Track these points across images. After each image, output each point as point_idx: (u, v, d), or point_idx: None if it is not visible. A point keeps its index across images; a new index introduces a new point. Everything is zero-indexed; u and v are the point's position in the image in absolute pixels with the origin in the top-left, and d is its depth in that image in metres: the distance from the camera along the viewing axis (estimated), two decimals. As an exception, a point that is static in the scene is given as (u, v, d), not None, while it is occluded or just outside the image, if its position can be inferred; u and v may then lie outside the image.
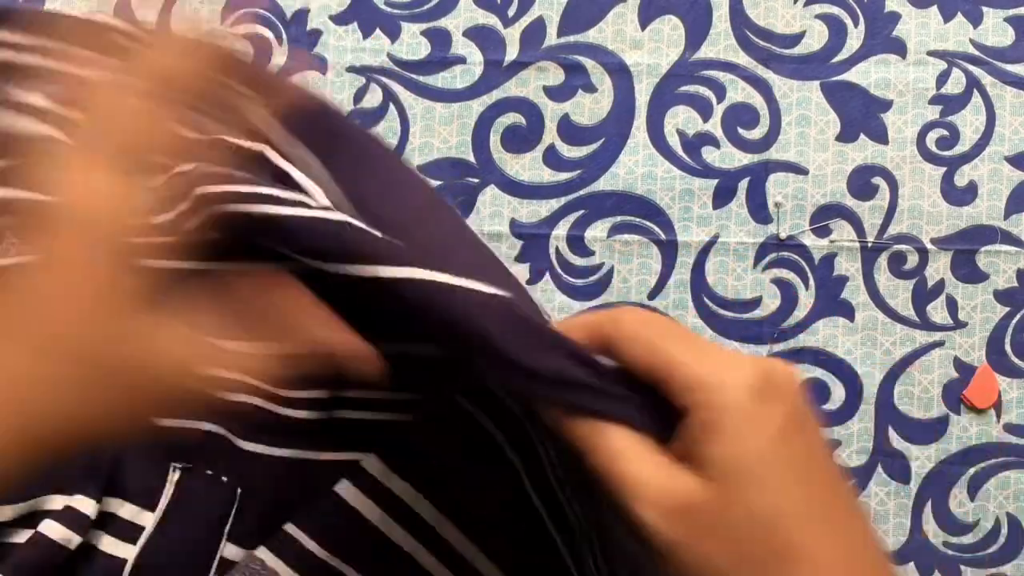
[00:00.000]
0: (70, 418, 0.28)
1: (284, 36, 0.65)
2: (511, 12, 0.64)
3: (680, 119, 0.64)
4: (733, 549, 0.26)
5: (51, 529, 0.49)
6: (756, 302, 0.63)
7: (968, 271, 0.63)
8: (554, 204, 0.63)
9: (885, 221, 0.63)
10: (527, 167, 0.64)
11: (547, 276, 0.63)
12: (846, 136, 0.64)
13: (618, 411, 0.29)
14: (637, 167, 0.63)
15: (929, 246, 0.63)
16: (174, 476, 0.50)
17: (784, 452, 0.27)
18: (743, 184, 0.63)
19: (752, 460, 0.27)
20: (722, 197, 0.63)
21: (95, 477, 0.50)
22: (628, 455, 0.28)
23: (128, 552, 0.50)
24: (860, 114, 0.63)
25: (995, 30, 0.63)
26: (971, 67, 0.63)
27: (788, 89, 0.64)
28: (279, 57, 0.65)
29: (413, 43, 0.65)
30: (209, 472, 0.49)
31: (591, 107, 0.64)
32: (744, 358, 0.28)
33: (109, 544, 0.50)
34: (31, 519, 0.52)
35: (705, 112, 0.64)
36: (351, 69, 0.65)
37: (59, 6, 0.64)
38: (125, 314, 0.28)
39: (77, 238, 0.27)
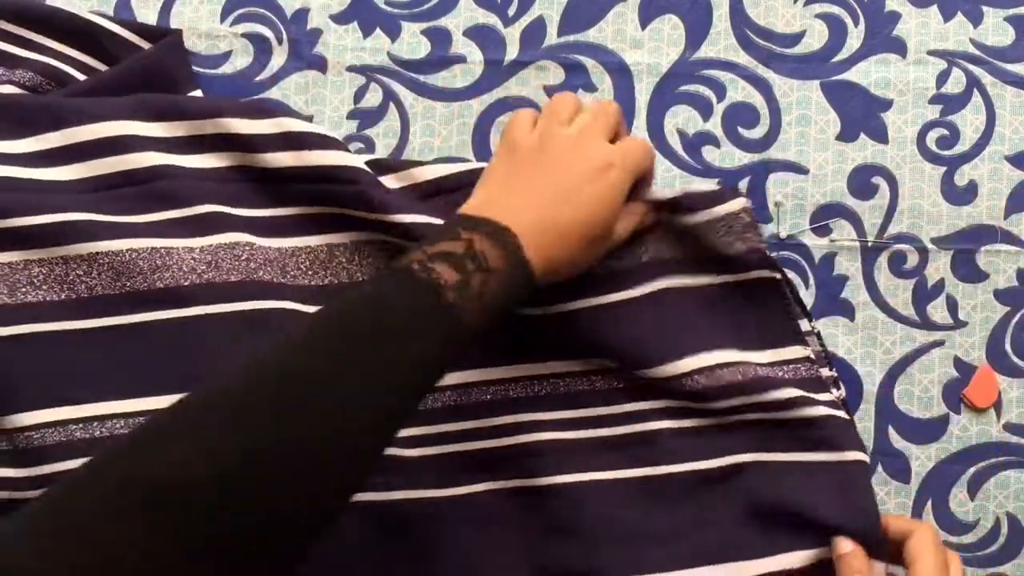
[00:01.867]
0: None
1: (284, 36, 0.65)
2: (511, 11, 0.64)
3: (680, 119, 0.64)
4: None
5: None
6: (756, 301, 0.63)
7: (968, 271, 0.63)
8: (554, 203, 0.63)
9: (885, 221, 0.63)
10: (527, 166, 0.64)
11: (547, 275, 0.63)
12: (846, 136, 0.64)
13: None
14: (637, 166, 0.63)
15: (929, 246, 0.63)
16: None
17: None
18: (743, 184, 0.63)
19: None
20: (722, 196, 0.63)
21: None
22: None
23: None
24: (860, 114, 0.63)
25: (995, 30, 0.63)
26: (971, 66, 0.63)
27: (788, 88, 0.64)
28: (279, 57, 0.65)
29: (413, 42, 0.65)
30: None
31: (591, 106, 0.64)
32: None
33: None
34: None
35: (705, 112, 0.64)
36: (351, 68, 0.65)
37: (61, 3, 0.64)
38: None
39: None
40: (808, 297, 0.63)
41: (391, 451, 0.57)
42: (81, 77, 0.63)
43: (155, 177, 0.60)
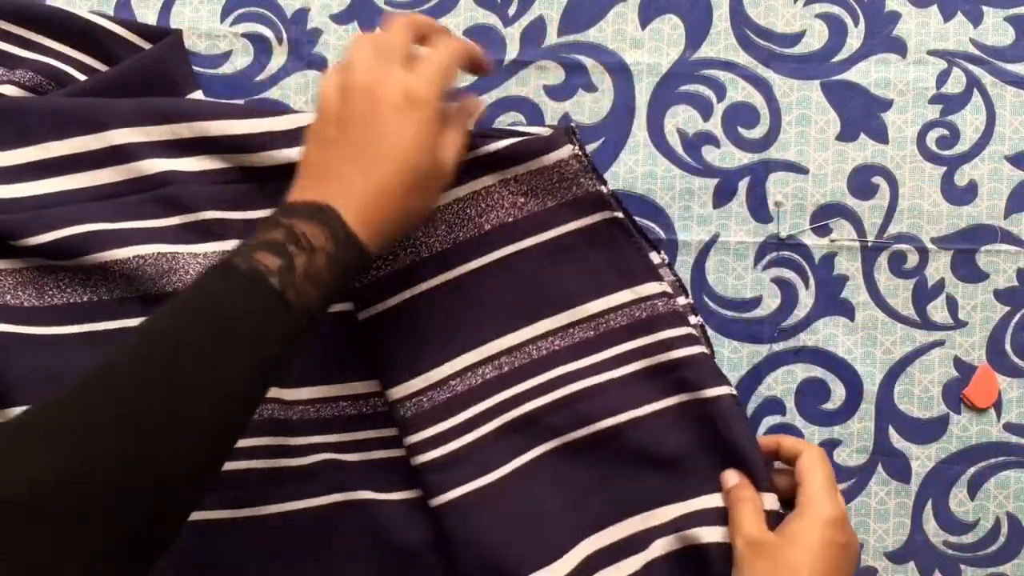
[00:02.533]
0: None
1: (284, 36, 0.65)
2: (511, 11, 0.64)
3: (680, 118, 0.64)
4: (771, 569, 0.51)
5: None
6: (756, 301, 0.63)
7: (968, 271, 0.63)
8: (554, 203, 0.63)
9: (885, 220, 0.63)
10: (527, 166, 0.64)
11: (547, 275, 0.63)
12: (846, 135, 0.64)
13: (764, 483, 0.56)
14: (637, 166, 0.63)
15: (929, 245, 0.63)
16: None
17: (824, 556, 0.51)
18: (743, 183, 0.63)
19: (807, 545, 0.51)
20: (722, 196, 0.63)
21: None
22: (750, 507, 0.55)
23: None
24: (860, 113, 0.63)
25: (995, 29, 0.63)
26: (971, 66, 0.63)
27: (788, 88, 0.64)
28: (279, 57, 0.65)
29: (413, 42, 0.64)
30: None
31: (591, 106, 0.64)
32: (840, 503, 0.54)
33: None
34: None
35: (705, 111, 0.64)
36: (351, 68, 0.65)
37: (61, 3, 0.64)
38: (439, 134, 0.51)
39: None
40: (808, 297, 0.63)
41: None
42: (81, 77, 0.63)
43: (160, 184, 0.60)
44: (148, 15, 0.65)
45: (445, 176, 0.53)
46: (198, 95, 0.64)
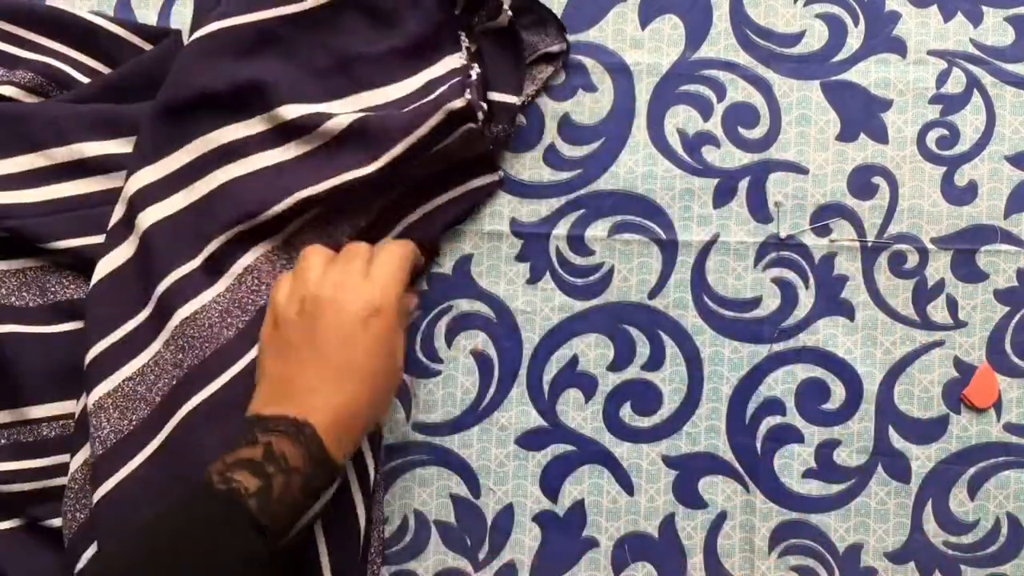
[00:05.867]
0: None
1: (284, 35, 0.65)
2: (511, 12, 0.64)
3: (680, 118, 0.64)
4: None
5: None
6: (756, 301, 0.63)
7: (968, 271, 0.63)
8: (554, 203, 0.63)
9: (885, 221, 0.63)
10: (527, 166, 0.64)
11: (547, 276, 0.63)
12: (846, 136, 0.64)
13: None
14: (637, 166, 0.63)
15: (929, 246, 0.63)
16: None
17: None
18: (743, 183, 0.63)
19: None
20: (722, 196, 0.63)
21: None
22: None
23: None
24: (860, 114, 0.63)
25: (995, 30, 0.63)
26: (971, 67, 0.63)
27: (788, 88, 0.64)
28: (279, 56, 0.65)
29: (413, 42, 0.64)
30: None
31: (591, 106, 0.64)
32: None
33: None
34: None
35: (705, 111, 0.64)
36: (351, 68, 0.65)
37: (61, 3, 0.64)
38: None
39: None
40: (808, 297, 0.63)
41: None
42: (81, 77, 0.63)
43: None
44: (148, 15, 0.65)
45: (399, 380, 0.53)
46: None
